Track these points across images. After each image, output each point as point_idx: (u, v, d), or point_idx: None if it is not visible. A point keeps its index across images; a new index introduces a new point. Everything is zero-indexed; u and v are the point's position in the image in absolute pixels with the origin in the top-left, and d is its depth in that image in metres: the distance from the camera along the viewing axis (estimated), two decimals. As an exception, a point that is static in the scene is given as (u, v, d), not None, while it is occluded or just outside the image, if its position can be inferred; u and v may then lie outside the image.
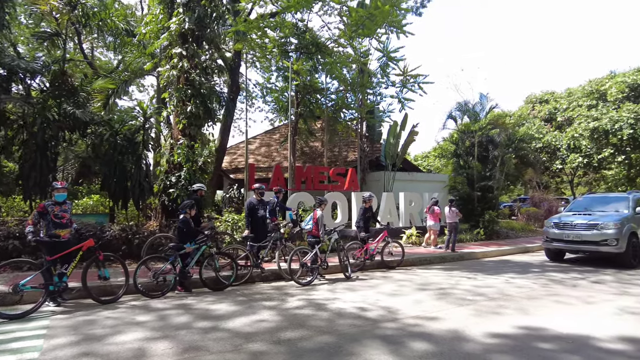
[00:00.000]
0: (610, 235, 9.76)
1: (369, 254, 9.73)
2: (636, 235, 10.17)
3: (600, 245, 9.90)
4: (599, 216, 10.47)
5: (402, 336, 4.65)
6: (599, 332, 4.79)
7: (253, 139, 21.22)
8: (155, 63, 13.33)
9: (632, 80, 23.36)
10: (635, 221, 10.35)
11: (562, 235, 10.59)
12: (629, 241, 9.82)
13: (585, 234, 10.16)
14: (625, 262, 9.82)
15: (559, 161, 24.38)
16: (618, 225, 9.85)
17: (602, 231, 9.89)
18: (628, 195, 11.48)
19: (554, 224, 11.03)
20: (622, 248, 9.70)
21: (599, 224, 10.04)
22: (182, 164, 10.38)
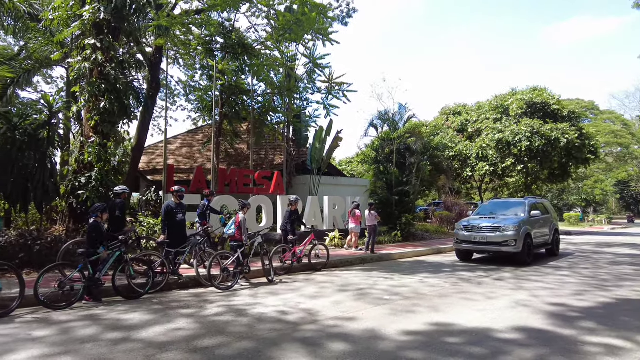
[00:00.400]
0: (510, 237, 10.83)
1: (297, 257, 9.82)
2: (531, 237, 11.32)
3: (502, 246, 10.95)
4: (501, 219, 11.55)
5: (321, 338, 4.73)
6: (498, 324, 5.28)
7: (174, 139, 20.30)
8: (65, 53, 12.22)
9: (529, 98, 26.16)
10: (530, 224, 11.54)
11: (471, 237, 11.48)
12: (524, 242, 10.93)
13: (489, 235, 11.15)
14: (522, 260, 10.95)
15: (469, 169, 26.52)
16: (516, 227, 10.94)
17: (504, 233, 10.94)
18: (524, 200, 12.68)
19: (463, 227, 11.89)
20: (520, 248, 10.80)
21: (501, 227, 11.06)
22: (94, 163, 9.62)
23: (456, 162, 26.47)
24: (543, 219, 12.51)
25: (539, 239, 12.15)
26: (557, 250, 13.46)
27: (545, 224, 12.74)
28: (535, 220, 11.95)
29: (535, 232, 11.72)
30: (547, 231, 12.78)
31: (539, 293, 7.33)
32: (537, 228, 12.04)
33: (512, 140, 24.22)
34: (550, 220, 13.17)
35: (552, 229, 13.16)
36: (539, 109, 25.68)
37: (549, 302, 6.58)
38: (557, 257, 12.93)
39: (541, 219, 12.34)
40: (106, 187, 9.61)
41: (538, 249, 12.25)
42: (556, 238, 13.44)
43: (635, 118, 61.87)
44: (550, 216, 13.33)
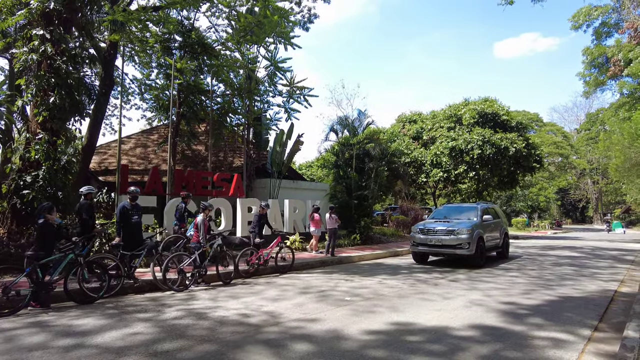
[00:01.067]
0: (463, 240, 11.20)
1: (263, 260, 9.79)
2: (483, 240, 11.77)
3: (456, 249, 11.30)
4: (455, 223, 11.89)
5: (284, 339, 4.71)
6: (455, 323, 5.48)
7: (127, 139, 19.52)
8: (8, 42, 11.45)
9: (480, 108, 27.43)
10: (482, 227, 12.00)
11: (426, 240, 11.81)
12: (477, 244, 11.33)
13: (444, 238, 11.49)
14: (475, 262, 11.35)
15: (423, 175, 27.40)
16: (469, 231, 11.32)
17: (458, 236, 11.30)
18: (477, 205, 13.21)
19: (419, 230, 12.20)
20: (473, 250, 11.19)
21: (455, 230, 11.41)
22: (41, 161, 9.08)
23: (412, 168, 27.28)
24: (494, 223, 13.00)
25: (491, 242, 12.57)
26: (507, 253, 14.02)
27: (496, 228, 13.23)
28: (487, 225, 12.39)
29: (487, 236, 12.14)
30: (498, 235, 13.27)
31: (492, 293, 7.68)
32: (489, 232, 12.47)
33: (464, 148, 25.29)
34: (500, 225, 13.67)
35: (503, 232, 13.68)
36: (490, 119, 26.98)
37: (501, 301, 6.91)
38: (507, 259, 13.54)
39: (492, 223, 12.79)
40: (55, 187, 9.09)
41: (490, 252, 12.64)
42: (506, 241, 13.98)
43: (574, 131, 66.66)
44: (500, 221, 13.86)
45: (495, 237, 13.09)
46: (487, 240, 12.07)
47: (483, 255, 11.74)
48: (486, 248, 12.01)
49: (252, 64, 17.03)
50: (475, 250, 11.24)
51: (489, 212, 13.09)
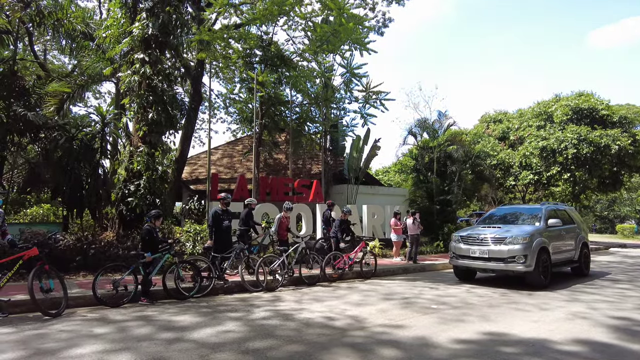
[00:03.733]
0: (518, 252, 8.47)
1: (348, 264, 9.90)
2: (547, 251, 8.95)
3: (507, 263, 8.54)
4: (509, 229, 9.21)
5: (371, 343, 4.65)
6: (556, 336, 5.00)
7: (215, 150, 20.85)
8: (115, 68, 12.89)
9: (575, 104, 25.05)
10: (547, 235, 9.17)
11: (469, 251, 9.14)
12: (538, 257, 8.57)
13: (492, 249, 8.78)
14: (535, 281, 8.59)
15: (512, 178, 25.58)
16: (527, 239, 8.58)
17: (510, 246, 8.57)
18: (541, 207, 10.29)
19: (460, 238, 9.60)
20: (531, 266, 8.42)
21: (507, 238, 8.71)
22: (142, 172, 10.02)
23: (498, 171, 25.61)
24: (566, 229, 10.10)
25: (560, 255, 9.60)
26: (586, 269, 10.74)
27: (569, 236, 10.22)
28: (554, 231, 9.52)
29: (554, 246, 9.24)
30: (571, 245, 10.21)
31: (598, 305, 6.93)
32: (557, 241, 9.56)
33: (557, 148, 23.22)
34: (576, 232, 10.59)
35: (579, 242, 10.48)
36: (586, 115, 24.55)
37: (610, 315, 6.20)
38: (586, 277, 10.46)
39: (563, 229, 9.91)
40: (153, 195, 9.97)
41: (559, 267, 9.69)
42: (585, 254, 10.71)
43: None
44: (576, 226, 10.78)
45: (568, 248, 10.04)
46: (553, 252, 9.15)
47: (547, 273, 8.86)
48: (552, 263, 9.12)
49: (328, 72, 17.32)
50: (535, 265, 8.46)
51: (557, 215, 10.18)
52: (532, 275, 8.53)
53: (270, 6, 12.98)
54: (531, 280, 8.63)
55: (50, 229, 9.23)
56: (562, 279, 9.98)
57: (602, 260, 15.62)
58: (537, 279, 8.55)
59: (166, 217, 10.97)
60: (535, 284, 8.57)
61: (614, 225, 45.67)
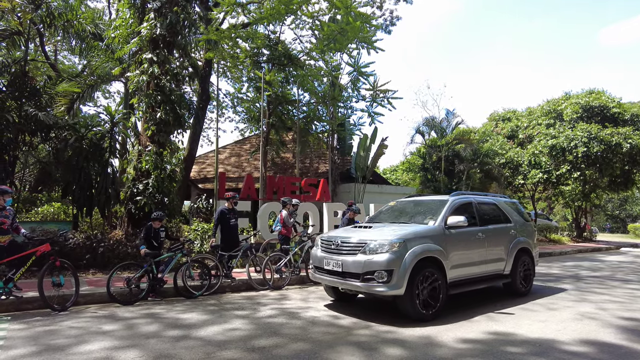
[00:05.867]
0: (379, 265, 5.52)
1: None
2: (438, 264, 5.97)
3: (365, 281, 5.60)
4: (383, 231, 6.14)
5: (376, 342, 4.66)
6: (564, 336, 4.98)
7: (223, 149, 20.97)
8: (123, 68, 13.02)
9: (585, 102, 24.75)
10: (444, 240, 6.18)
11: (323, 262, 6.25)
12: (415, 274, 5.58)
13: (347, 260, 5.83)
14: (407, 310, 5.63)
15: (521, 176, 25.34)
16: (396, 246, 5.59)
17: (370, 257, 5.61)
18: (448, 198, 7.15)
19: (320, 242, 6.66)
20: (401, 287, 5.43)
21: (368, 245, 5.74)
22: (150, 171, 10.10)
23: (507, 170, 25.40)
24: (488, 231, 7.08)
25: (472, 269, 6.67)
26: (524, 286, 7.67)
27: (495, 241, 7.20)
28: (460, 234, 6.50)
29: (457, 256, 6.33)
30: (499, 253, 7.23)
31: (607, 306, 6.86)
32: (467, 248, 6.61)
33: (567, 146, 22.97)
34: (509, 235, 7.53)
35: (514, 248, 7.48)
36: (597, 113, 24.24)
37: (619, 316, 6.15)
38: (525, 297, 7.45)
39: (481, 231, 6.94)
40: (162, 194, 10.06)
41: (470, 286, 6.67)
42: (524, 264, 7.68)
43: None
44: (510, 227, 7.65)
45: (491, 258, 7.04)
46: (455, 265, 6.27)
47: (437, 297, 5.83)
48: (454, 281, 6.28)
49: (336, 71, 17.33)
50: (409, 286, 5.50)
51: (470, 209, 7.10)
52: (402, 302, 5.56)
53: (277, 5, 13.01)
54: (403, 309, 5.65)
55: (61, 228, 9.38)
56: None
57: (612, 260, 15.45)
58: (410, 307, 5.52)
59: (174, 216, 11.08)
60: (410, 315, 5.60)
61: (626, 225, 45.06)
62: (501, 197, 8.37)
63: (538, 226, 24.21)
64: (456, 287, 6.36)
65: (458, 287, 6.40)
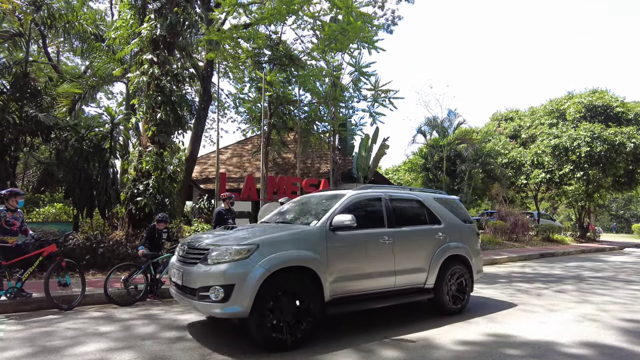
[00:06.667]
0: (214, 277, 4.26)
1: None
2: (313, 278, 4.65)
3: (201, 298, 4.33)
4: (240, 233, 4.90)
5: (374, 345, 4.63)
6: (563, 338, 4.93)
7: (224, 149, 20.99)
8: (124, 69, 13.06)
9: (588, 101, 24.64)
10: (317, 244, 4.78)
11: (171, 272, 5.11)
12: (264, 292, 4.26)
13: (188, 271, 4.58)
14: (255, 335, 4.30)
15: (523, 176, 25.25)
16: (241, 254, 4.33)
17: (208, 268, 4.36)
18: (346, 192, 5.75)
19: (180, 247, 5.24)
20: (244, 308, 4.17)
21: (211, 251, 4.45)
22: (151, 171, 10.12)
23: (509, 170, 25.31)
24: (396, 235, 5.60)
25: (374, 282, 5.30)
26: (453, 303, 6.14)
27: (409, 247, 5.78)
28: (352, 239, 5.15)
29: (344, 266, 4.99)
30: (418, 262, 5.82)
31: (609, 307, 6.80)
32: (363, 256, 5.26)
33: (570, 146, 22.87)
34: (435, 239, 6.10)
35: (440, 256, 6.03)
36: (600, 113, 24.13)
37: (621, 318, 6.09)
38: (456, 316, 6.01)
39: (386, 234, 5.49)
40: (162, 194, 10.06)
41: (367, 304, 5.22)
42: (457, 277, 6.25)
43: None
44: (438, 229, 6.22)
45: (405, 268, 5.61)
46: (342, 279, 4.92)
47: (305, 322, 4.51)
48: (339, 297, 4.93)
49: (337, 71, 17.31)
50: (255, 306, 4.22)
51: (382, 207, 5.76)
52: (250, 325, 4.27)
53: (279, 5, 13.00)
54: (252, 334, 4.34)
55: (61, 228, 9.40)
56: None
57: (615, 260, 15.35)
58: (258, 334, 4.25)
59: (175, 217, 11.08)
60: (259, 344, 4.34)
61: (630, 225, 44.77)
62: (432, 193, 6.84)
63: (541, 226, 24.10)
64: (342, 306, 4.91)
65: (346, 306, 4.95)
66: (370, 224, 5.50)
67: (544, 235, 23.06)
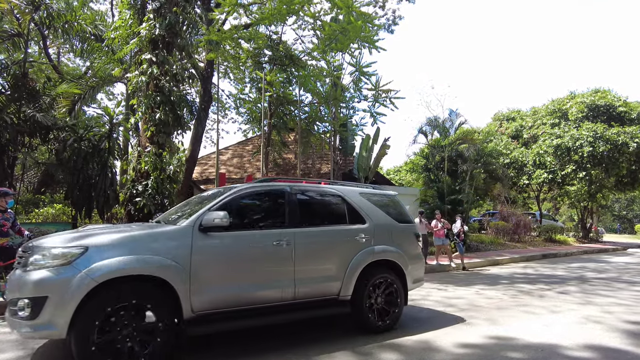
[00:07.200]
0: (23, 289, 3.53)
1: None
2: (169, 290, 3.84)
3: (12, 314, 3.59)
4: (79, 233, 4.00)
5: (372, 347, 4.54)
6: (567, 341, 4.83)
7: (225, 150, 20.93)
8: (124, 69, 13.00)
9: (590, 101, 24.49)
10: (180, 248, 3.96)
11: None
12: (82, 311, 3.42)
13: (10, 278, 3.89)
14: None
15: (525, 177, 25.10)
16: (67, 257, 3.56)
17: (21, 275, 3.60)
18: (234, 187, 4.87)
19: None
20: (57, 328, 3.38)
21: (31, 253, 3.70)
22: (150, 172, 10.04)
23: (511, 170, 25.17)
24: (299, 236, 4.73)
25: (263, 294, 4.45)
26: (381, 320, 5.20)
27: (317, 251, 4.94)
28: (233, 241, 4.33)
29: (219, 276, 4.18)
30: (324, 270, 4.91)
31: (613, 309, 6.70)
32: (248, 263, 4.39)
33: (572, 146, 22.72)
34: (353, 241, 5.16)
35: (360, 262, 5.08)
36: (603, 112, 23.97)
37: (625, 320, 5.99)
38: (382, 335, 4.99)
39: (283, 236, 4.62)
40: (161, 195, 9.99)
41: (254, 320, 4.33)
42: (384, 287, 5.32)
43: None
44: (356, 230, 5.25)
45: (310, 277, 4.77)
46: (233, 288, 4.22)
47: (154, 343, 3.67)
48: (235, 312, 4.20)
49: (337, 71, 17.22)
50: (74, 325, 3.39)
51: (284, 203, 4.86)
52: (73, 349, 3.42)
53: (279, 5, 12.93)
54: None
55: (59, 229, 9.32)
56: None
57: (619, 261, 15.23)
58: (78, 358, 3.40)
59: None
60: None
61: (633, 225, 44.52)
62: (358, 187, 5.80)
63: (543, 227, 23.97)
64: (214, 324, 4.02)
65: (218, 324, 4.04)
66: (264, 223, 4.72)
67: (546, 236, 22.93)
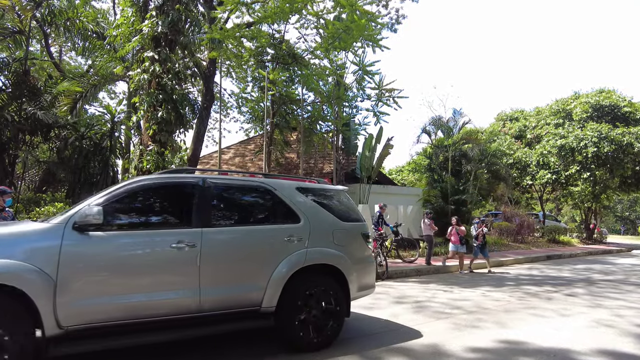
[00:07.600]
0: None
1: None
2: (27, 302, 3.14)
3: None
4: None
5: (380, 352, 4.42)
6: (578, 346, 4.70)
7: (227, 149, 20.82)
8: (126, 67, 12.90)
9: (595, 101, 24.33)
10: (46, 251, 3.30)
11: None
12: None
13: None
14: None
15: (529, 177, 24.94)
16: None
17: None
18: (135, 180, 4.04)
19: None
20: None
21: None
22: (152, 171, 9.93)
23: (515, 170, 25.01)
24: (206, 237, 3.93)
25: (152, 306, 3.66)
26: (313, 336, 4.33)
27: (229, 254, 4.15)
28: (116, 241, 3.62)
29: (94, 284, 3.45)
30: (240, 277, 4.13)
31: (623, 312, 6.57)
32: (135, 268, 3.66)
33: (576, 146, 22.56)
34: (281, 243, 4.36)
35: (288, 268, 4.26)
36: (607, 112, 23.81)
37: (636, 324, 5.85)
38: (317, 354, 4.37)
39: (183, 236, 3.84)
40: (163, 194, 9.87)
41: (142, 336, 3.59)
42: (319, 297, 4.44)
43: None
44: (287, 229, 4.45)
45: (221, 285, 4.00)
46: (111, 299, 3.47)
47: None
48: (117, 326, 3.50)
49: (340, 70, 17.09)
50: None
51: (194, 198, 4.11)
52: None
53: (282, 4, 12.82)
54: None
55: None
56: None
57: (625, 263, 15.08)
58: None
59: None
60: None
61: (636, 227, 44.38)
62: (295, 180, 5.08)
63: (547, 227, 23.81)
64: (89, 341, 3.39)
65: (95, 341, 3.41)
66: (162, 221, 4.08)
67: (549, 237, 22.77)
